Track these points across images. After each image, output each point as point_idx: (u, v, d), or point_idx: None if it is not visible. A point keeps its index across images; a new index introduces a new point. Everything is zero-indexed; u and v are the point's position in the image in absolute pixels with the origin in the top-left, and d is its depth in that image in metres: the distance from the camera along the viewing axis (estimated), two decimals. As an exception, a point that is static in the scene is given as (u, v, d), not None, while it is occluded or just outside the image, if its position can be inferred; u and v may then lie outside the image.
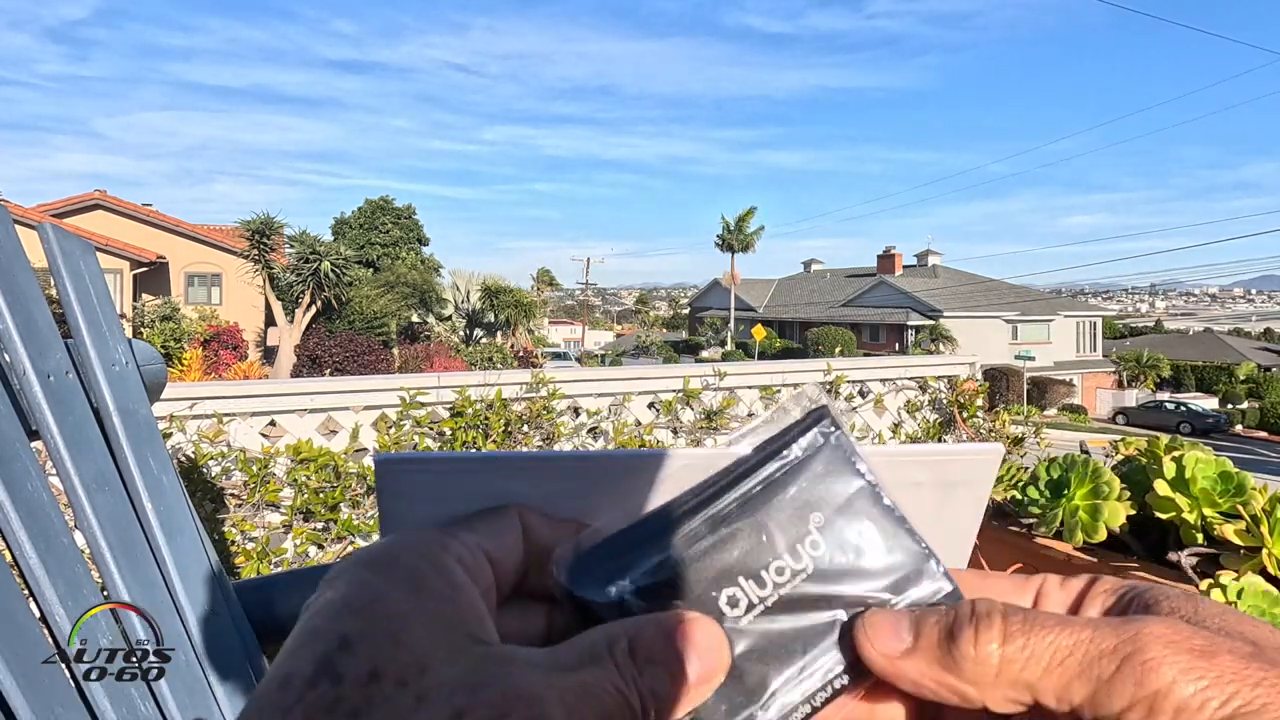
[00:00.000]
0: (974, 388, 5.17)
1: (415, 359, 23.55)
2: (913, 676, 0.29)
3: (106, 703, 1.00)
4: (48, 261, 1.17)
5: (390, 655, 0.24)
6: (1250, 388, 38.46)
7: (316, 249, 22.74)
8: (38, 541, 0.96)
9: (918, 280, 41.67)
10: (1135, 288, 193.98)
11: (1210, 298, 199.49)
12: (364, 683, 0.23)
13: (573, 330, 64.18)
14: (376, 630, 0.24)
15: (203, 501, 3.34)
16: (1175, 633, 0.26)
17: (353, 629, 0.24)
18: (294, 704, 0.23)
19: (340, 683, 0.23)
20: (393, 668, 0.23)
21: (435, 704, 0.23)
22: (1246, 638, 0.27)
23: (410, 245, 39.82)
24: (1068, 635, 0.27)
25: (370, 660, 0.23)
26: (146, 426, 1.25)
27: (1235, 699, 0.24)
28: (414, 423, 3.92)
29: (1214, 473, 2.00)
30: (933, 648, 0.29)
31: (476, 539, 0.30)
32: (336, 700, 0.23)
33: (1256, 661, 0.25)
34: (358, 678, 0.23)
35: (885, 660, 0.30)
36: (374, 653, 0.24)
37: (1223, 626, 0.27)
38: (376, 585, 0.26)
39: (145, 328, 22.95)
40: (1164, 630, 0.26)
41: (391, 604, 0.25)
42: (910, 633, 0.30)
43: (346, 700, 0.23)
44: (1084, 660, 0.26)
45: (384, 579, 0.26)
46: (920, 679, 0.29)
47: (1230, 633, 0.27)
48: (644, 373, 4.49)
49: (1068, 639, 0.27)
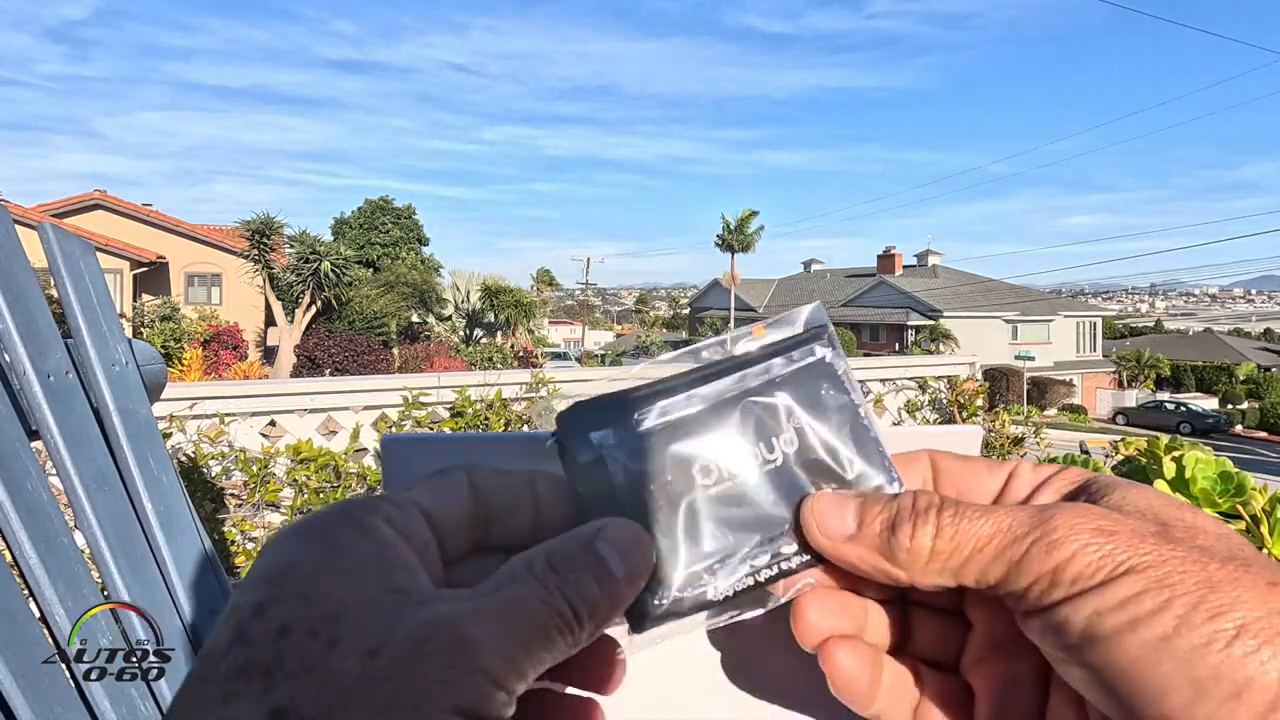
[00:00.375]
0: (974, 388, 5.16)
1: (415, 359, 23.54)
2: (852, 560, 0.32)
3: (106, 703, 1.00)
4: (48, 261, 1.17)
5: (300, 611, 0.24)
6: (1250, 388, 38.45)
7: (316, 249, 22.73)
8: (38, 541, 0.96)
9: (918, 280, 41.67)
10: (1135, 288, 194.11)
11: (1210, 298, 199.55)
12: (273, 639, 0.24)
13: (573, 330, 64.18)
14: (287, 591, 0.25)
15: (203, 501, 3.34)
16: (1083, 515, 0.29)
17: (265, 595, 0.25)
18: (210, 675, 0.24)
19: (250, 644, 0.24)
20: (302, 621, 0.24)
21: (348, 645, 0.24)
22: (1160, 519, 0.29)
23: (410, 245, 39.82)
24: (989, 524, 0.30)
25: (279, 619, 0.24)
26: (146, 426, 1.25)
27: (1125, 565, 0.27)
28: (414, 423, 3.92)
29: (1214, 473, 2.00)
30: (874, 537, 0.32)
31: (411, 497, 0.30)
32: (248, 661, 0.24)
33: (1154, 537, 0.28)
34: (267, 637, 0.24)
35: (829, 542, 0.32)
36: (283, 611, 0.24)
37: (1145, 509, 0.30)
38: (292, 551, 0.26)
39: (145, 328, 22.95)
40: (1073, 513, 0.29)
41: (305, 566, 0.26)
42: (854, 519, 0.32)
43: (257, 660, 0.23)
44: (1000, 545, 0.29)
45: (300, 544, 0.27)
46: (859, 563, 0.32)
47: (1147, 515, 0.29)
48: (644, 373, 4.49)
49: (989, 527, 0.30)
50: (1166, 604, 0.26)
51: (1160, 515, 0.29)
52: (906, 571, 0.31)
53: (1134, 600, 0.26)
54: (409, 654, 0.24)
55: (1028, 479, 0.34)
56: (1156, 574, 0.27)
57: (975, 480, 0.35)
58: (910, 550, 0.31)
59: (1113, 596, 0.27)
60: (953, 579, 0.31)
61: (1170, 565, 0.27)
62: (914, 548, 0.31)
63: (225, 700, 0.23)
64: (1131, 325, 75.35)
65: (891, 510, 0.32)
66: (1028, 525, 0.29)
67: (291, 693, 0.23)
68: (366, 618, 0.25)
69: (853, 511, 0.32)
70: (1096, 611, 0.27)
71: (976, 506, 0.31)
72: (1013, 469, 0.35)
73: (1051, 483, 0.34)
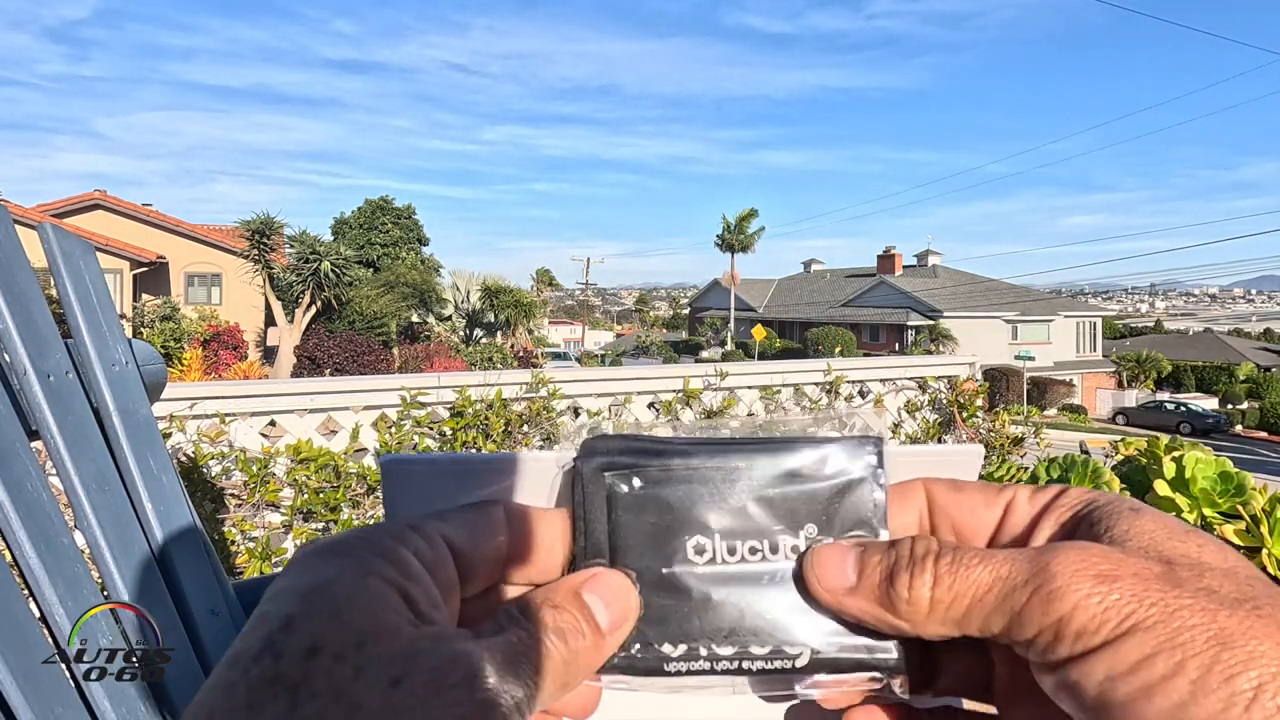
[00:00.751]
0: (974, 388, 5.17)
1: (415, 359, 23.55)
2: (854, 612, 0.32)
3: (106, 703, 1.00)
4: (48, 261, 1.17)
5: (329, 632, 0.25)
6: (1250, 388, 38.45)
7: (316, 249, 22.73)
8: (38, 541, 0.96)
9: (918, 280, 41.67)
10: (1135, 288, 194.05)
11: (1210, 298, 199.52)
12: (303, 658, 0.25)
13: (573, 330, 64.19)
14: (318, 610, 0.26)
15: (203, 501, 3.34)
16: (1083, 559, 0.28)
17: (296, 610, 0.26)
18: (238, 680, 0.24)
19: (280, 658, 0.25)
20: (331, 643, 0.25)
21: (373, 673, 0.25)
22: (1164, 557, 0.28)
23: (410, 245, 39.82)
24: (988, 573, 0.29)
25: (310, 637, 0.25)
26: (146, 426, 1.25)
27: (1130, 619, 0.26)
28: (414, 423, 3.92)
29: (1214, 473, 2.00)
30: (873, 589, 0.31)
31: (442, 530, 0.31)
32: (276, 675, 0.24)
33: (1160, 581, 0.27)
34: (297, 654, 0.25)
35: (830, 595, 0.32)
36: (314, 630, 0.25)
37: (1149, 545, 0.29)
38: (324, 570, 0.27)
39: (145, 328, 22.95)
40: (1072, 558, 0.28)
41: (336, 586, 0.27)
42: (854, 571, 0.32)
43: (286, 675, 0.24)
44: (1000, 595, 0.29)
45: (333, 565, 0.27)
46: (861, 614, 0.32)
47: (1150, 552, 0.28)
48: (644, 373, 4.49)
49: (987, 576, 0.29)
50: (1180, 667, 0.25)
51: (1164, 551, 0.28)
52: (909, 623, 0.31)
53: (1146, 664, 0.25)
54: (429, 685, 0.25)
55: (1025, 510, 0.33)
56: (1166, 630, 0.26)
57: (971, 515, 0.34)
58: (910, 601, 0.30)
59: (1123, 660, 0.26)
60: (956, 629, 0.30)
61: (1180, 619, 0.26)
62: (913, 599, 0.30)
63: (251, 709, 0.24)
64: (1131, 325, 75.36)
65: (890, 559, 0.31)
66: (1026, 573, 0.28)
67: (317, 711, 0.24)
68: (392, 647, 0.26)
69: (852, 562, 0.32)
70: (1109, 677, 0.26)
71: (974, 552, 0.30)
72: (1010, 499, 0.34)
73: (1051, 512, 0.33)
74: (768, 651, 0.32)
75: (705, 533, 0.33)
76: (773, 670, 0.32)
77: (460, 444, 3.92)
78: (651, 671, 0.32)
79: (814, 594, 0.32)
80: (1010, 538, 0.33)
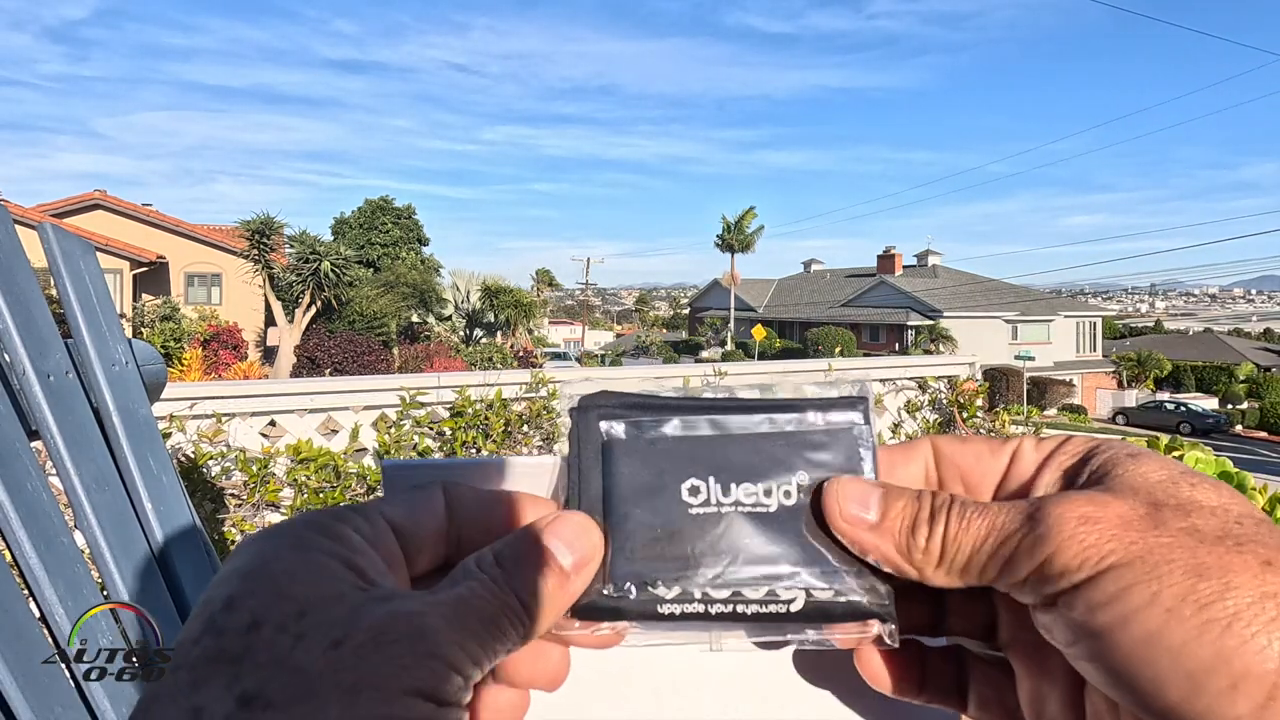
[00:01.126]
0: (974, 388, 5.17)
1: (415, 359, 23.55)
2: (867, 548, 0.32)
3: (106, 703, 1.00)
4: (48, 261, 1.17)
5: (270, 606, 0.26)
6: (1250, 388, 38.44)
7: (316, 249, 22.73)
8: (38, 541, 0.96)
9: (918, 280, 41.66)
10: (1135, 288, 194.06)
11: (1210, 298, 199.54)
12: (244, 633, 0.25)
13: (573, 330, 64.18)
14: (259, 587, 0.27)
15: (203, 501, 3.34)
16: (1069, 504, 0.29)
17: (237, 590, 0.27)
18: (181, 663, 0.25)
19: (222, 635, 0.25)
20: (272, 616, 0.26)
21: (313, 638, 0.25)
22: (1153, 499, 0.29)
23: (410, 245, 39.83)
24: (985, 524, 0.31)
25: (250, 613, 0.26)
26: (146, 426, 1.25)
27: (1110, 556, 0.27)
28: (414, 422, 3.92)
29: (1214, 473, 2.00)
30: (894, 533, 0.32)
31: (382, 510, 0.31)
32: (219, 652, 0.25)
33: (1143, 521, 0.28)
34: (238, 630, 0.25)
35: (848, 527, 0.32)
36: (255, 606, 0.26)
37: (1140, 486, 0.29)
38: (264, 551, 0.28)
39: (145, 328, 22.95)
40: (1059, 503, 0.29)
41: (276, 564, 0.27)
42: (877, 510, 0.32)
43: (228, 650, 0.25)
44: (994, 544, 0.30)
45: (272, 545, 0.28)
46: (874, 552, 0.32)
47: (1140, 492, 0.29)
48: (644, 373, 4.48)
49: (984, 526, 0.30)
50: (1154, 597, 0.26)
51: (1154, 493, 0.29)
52: (919, 570, 0.32)
53: (1122, 595, 0.26)
54: (370, 643, 0.25)
55: (1031, 458, 0.34)
56: (1144, 566, 0.26)
57: (977, 462, 0.35)
58: (925, 551, 0.31)
59: (1102, 592, 0.27)
60: (959, 579, 0.31)
61: (1158, 554, 0.27)
62: (929, 549, 0.31)
63: (194, 686, 0.24)
64: (1131, 325, 75.33)
65: (914, 509, 0.32)
66: (1018, 522, 0.30)
67: (260, 681, 0.24)
68: (333, 613, 0.26)
69: (876, 501, 0.32)
70: (1089, 607, 0.27)
71: (976, 505, 0.31)
72: (1015, 448, 0.35)
73: (1054, 459, 0.33)
74: (763, 595, 0.32)
75: (700, 475, 0.33)
76: (766, 615, 0.32)
77: (460, 444, 3.92)
78: (645, 615, 0.32)
79: (831, 522, 0.32)
80: (1017, 485, 0.34)
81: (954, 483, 0.35)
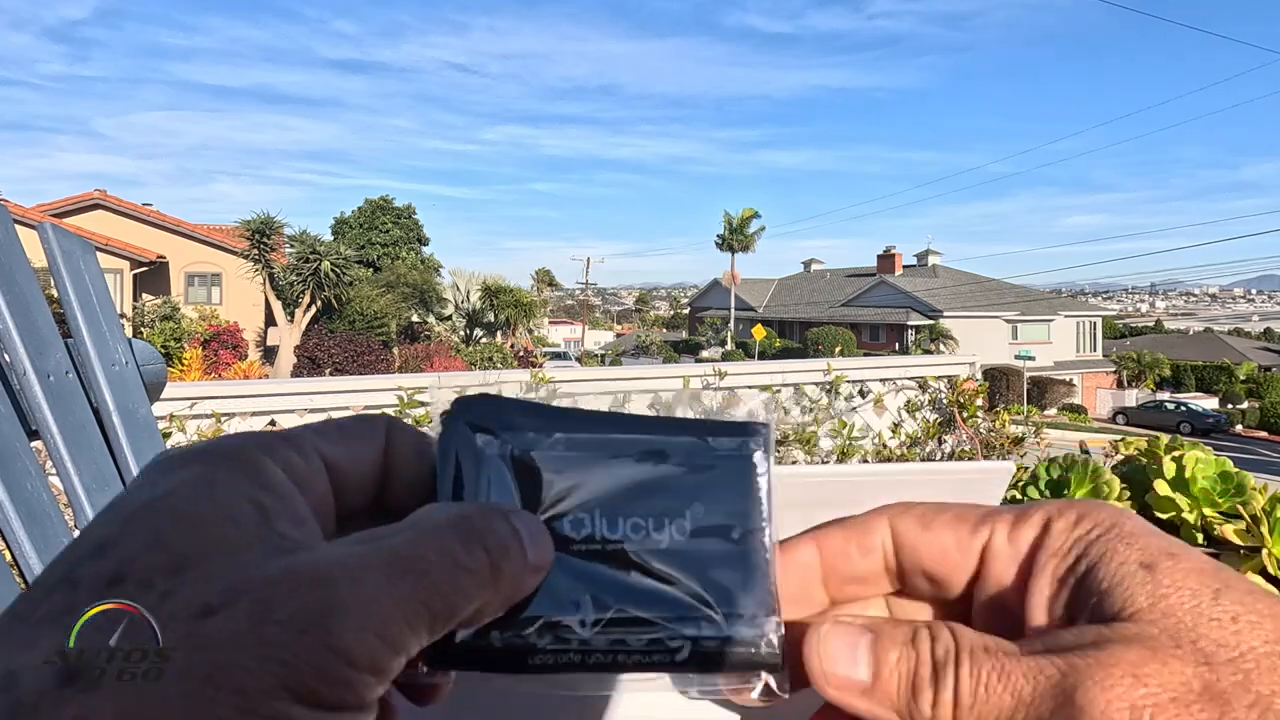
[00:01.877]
0: (974, 388, 5.17)
1: (415, 359, 23.57)
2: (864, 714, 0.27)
3: (106, 703, 1.00)
4: (48, 261, 1.17)
5: (141, 558, 0.22)
6: (1250, 388, 38.44)
7: (316, 249, 22.76)
8: (38, 541, 0.96)
9: (918, 280, 41.69)
10: (1135, 288, 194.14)
11: (1210, 298, 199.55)
12: (101, 588, 0.21)
13: (573, 330, 64.17)
14: (138, 531, 0.22)
15: (203, 501, 3.34)
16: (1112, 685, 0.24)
17: (114, 532, 0.23)
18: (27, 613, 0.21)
19: (77, 588, 0.21)
20: (139, 570, 0.22)
21: (180, 600, 0.21)
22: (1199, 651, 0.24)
23: (410, 245, 39.87)
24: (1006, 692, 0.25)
25: (116, 563, 0.22)
26: (146, 426, 1.25)
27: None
28: (414, 422, 3.92)
29: (1214, 473, 2.00)
30: (892, 695, 0.27)
31: (317, 442, 0.27)
32: (70, 608, 0.21)
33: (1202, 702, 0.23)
34: (96, 584, 0.21)
35: (838, 694, 0.27)
36: (124, 554, 0.22)
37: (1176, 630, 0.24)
38: (165, 483, 0.24)
39: (145, 328, 22.97)
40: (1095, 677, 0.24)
41: (170, 500, 0.23)
42: (868, 667, 0.27)
43: (79, 607, 0.21)
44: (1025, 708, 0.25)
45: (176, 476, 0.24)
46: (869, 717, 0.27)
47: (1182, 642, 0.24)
48: (644, 373, 4.49)
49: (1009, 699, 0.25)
50: None
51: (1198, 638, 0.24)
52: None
53: None
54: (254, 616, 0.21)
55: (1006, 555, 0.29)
56: None
57: (944, 559, 0.30)
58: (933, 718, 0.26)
59: None
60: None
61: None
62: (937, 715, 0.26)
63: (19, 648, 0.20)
64: (1131, 325, 75.41)
65: (910, 661, 0.27)
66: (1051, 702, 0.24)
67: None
68: (218, 570, 0.22)
69: (865, 653, 0.27)
70: None
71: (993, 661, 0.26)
72: (986, 541, 0.30)
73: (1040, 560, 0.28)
74: (645, 644, 0.29)
75: (583, 506, 0.30)
76: (649, 664, 0.29)
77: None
78: (512, 664, 0.28)
79: (817, 685, 0.28)
80: (996, 590, 0.29)
81: (918, 579, 0.31)
